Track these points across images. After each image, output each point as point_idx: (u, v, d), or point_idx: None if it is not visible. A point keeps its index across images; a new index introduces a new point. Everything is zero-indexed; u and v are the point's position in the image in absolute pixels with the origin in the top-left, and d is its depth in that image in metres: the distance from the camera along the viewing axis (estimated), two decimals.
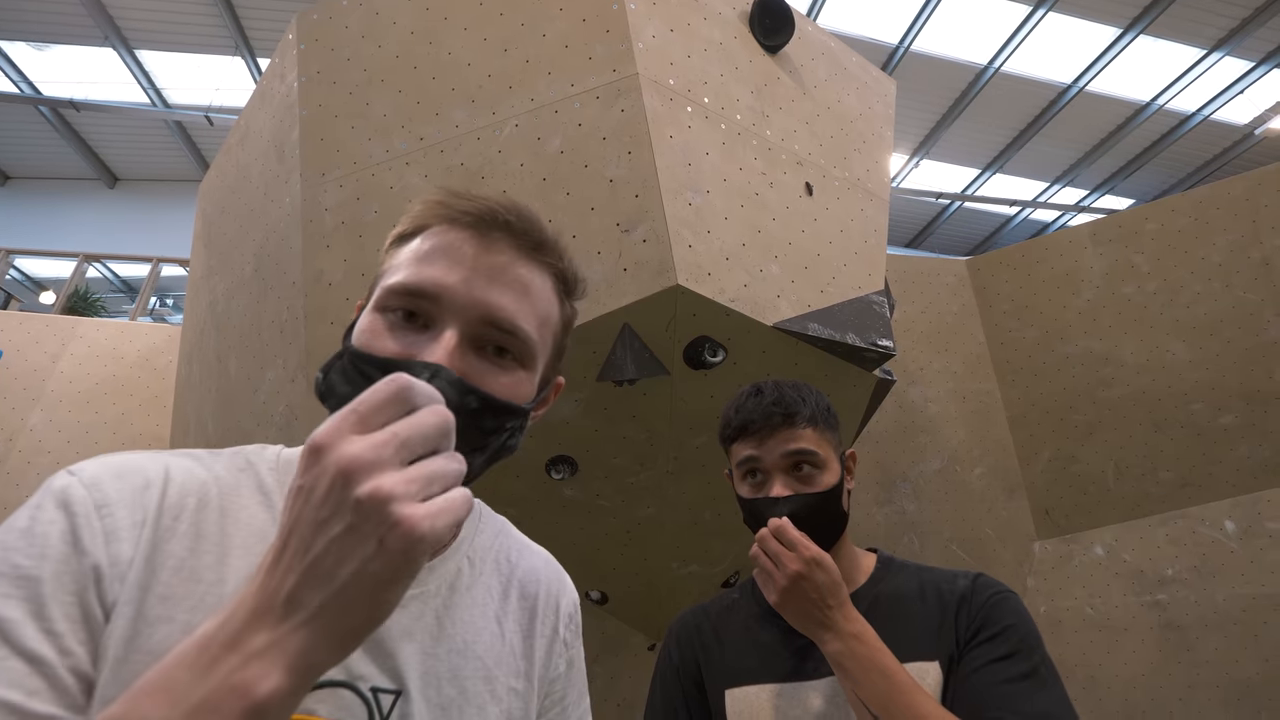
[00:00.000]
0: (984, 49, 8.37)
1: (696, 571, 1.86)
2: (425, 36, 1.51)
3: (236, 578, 0.44)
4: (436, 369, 0.44)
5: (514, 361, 0.50)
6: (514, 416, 0.49)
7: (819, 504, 0.84)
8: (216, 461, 0.50)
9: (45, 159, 9.51)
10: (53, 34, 7.61)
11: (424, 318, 0.48)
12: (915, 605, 0.84)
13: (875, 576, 0.90)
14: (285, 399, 1.55)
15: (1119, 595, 2.39)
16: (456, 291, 0.47)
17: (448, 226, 0.50)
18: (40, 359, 3.24)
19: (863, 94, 1.88)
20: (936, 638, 0.81)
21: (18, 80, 8.11)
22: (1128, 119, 9.46)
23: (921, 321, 2.86)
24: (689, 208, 1.34)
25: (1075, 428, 2.60)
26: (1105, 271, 2.64)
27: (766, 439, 0.85)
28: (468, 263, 0.49)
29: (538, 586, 0.61)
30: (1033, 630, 0.79)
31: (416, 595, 0.52)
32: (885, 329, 1.54)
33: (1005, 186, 10.94)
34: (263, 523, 0.48)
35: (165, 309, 8.85)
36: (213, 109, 8.14)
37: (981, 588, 0.84)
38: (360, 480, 0.32)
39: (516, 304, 0.49)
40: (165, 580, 0.42)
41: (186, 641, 0.33)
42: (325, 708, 0.44)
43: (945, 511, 2.63)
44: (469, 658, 0.52)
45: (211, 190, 2.15)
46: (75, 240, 8.45)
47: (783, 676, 0.83)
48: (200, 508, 0.46)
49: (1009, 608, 0.81)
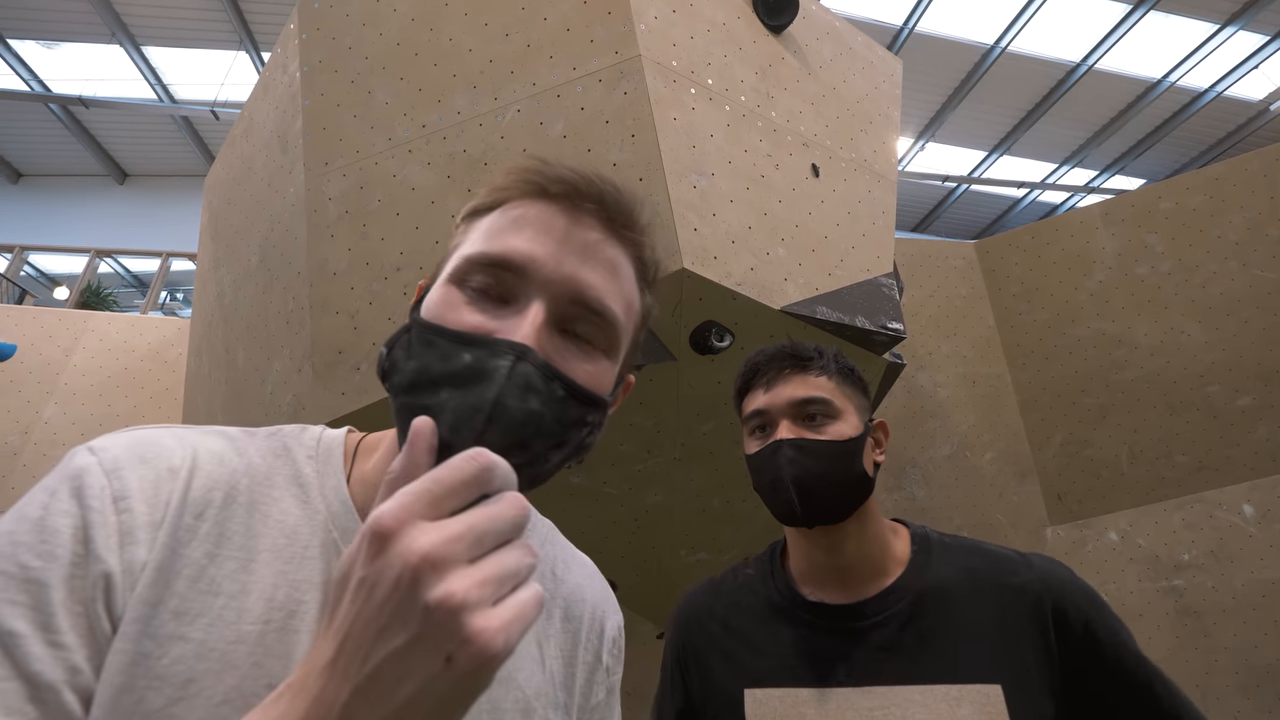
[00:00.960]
0: (990, 28, 8.22)
1: (705, 559, 1.86)
2: (426, 23, 1.50)
3: (261, 587, 0.40)
4: (524, 350, 0.40)
5: (598, 348, 0.45)
6: (596, 409, 0.44)
7: (831, 453, 0.73)
8: (251, 444, 0.46)
9: (56, 156, 9.61)
10: (61, 32, 7.65)
11: (506, 292, 0.43)
12: (970, 609, 0.71)
13: (915, 563, 0.76)
14: (292, 389, 1.56)
15: (1134, 581, 2.36)
16: (545, 264, 0.42)
17: (535, 199, 0.45)
18: (54, 353, 3.28)
19: (869, 74, 1.85)
20: (999, 653, 0.68)
21: (28, 79, 8.17)
22: (1138, 97, 9.27)
23: (930, 305, 2.83)
24: (694, 190, 1.33)
25: (1088, 411, 2.57)
26: (1118, 252, 2.60)
27: (775, 383, 0.77)
28: (558, 235, 0.43)
29: (583, 608, 0.57)
30: (1127, 631, 0.72)
31: None
32: (895, 311, 1.52)
33: (1013, 169, 10.78)
34: (295, 521, 0.44)
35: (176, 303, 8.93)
36: (218, 104, 8.16)
37: (1059, 589, 0.71)
38: (431, 584, 0.28)
39: (606, 284, 0.44)
40: (181, 592, 0.38)
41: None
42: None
43: (956, 497, 2.61)
44: (510, 688, 0.48)
45: (217, 183, 2.15)
46: (87, 236, 8.53)
47: (812, 681, 0.72)
48: (226, 504, 0.42)
49: (1112, 623, 0.70)
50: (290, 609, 0.40)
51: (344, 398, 1.39)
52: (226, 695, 0.37)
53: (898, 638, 0.72)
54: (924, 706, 0.67)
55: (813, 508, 0.74)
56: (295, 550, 0.43)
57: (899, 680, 0.69)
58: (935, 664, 0.69)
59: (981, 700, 0.66)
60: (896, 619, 0.73)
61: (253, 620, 0.39)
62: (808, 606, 0.77)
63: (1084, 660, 0.68)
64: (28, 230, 8.94)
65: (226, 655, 0.37)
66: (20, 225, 9.15)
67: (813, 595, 0.78)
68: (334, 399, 1.40)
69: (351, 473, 0.47)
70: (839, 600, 0.76)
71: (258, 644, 0.39)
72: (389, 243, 1.42)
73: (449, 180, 1.41)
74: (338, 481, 0.46)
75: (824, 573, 0.78)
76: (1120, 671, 0.69)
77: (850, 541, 0.77)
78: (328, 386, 1.42)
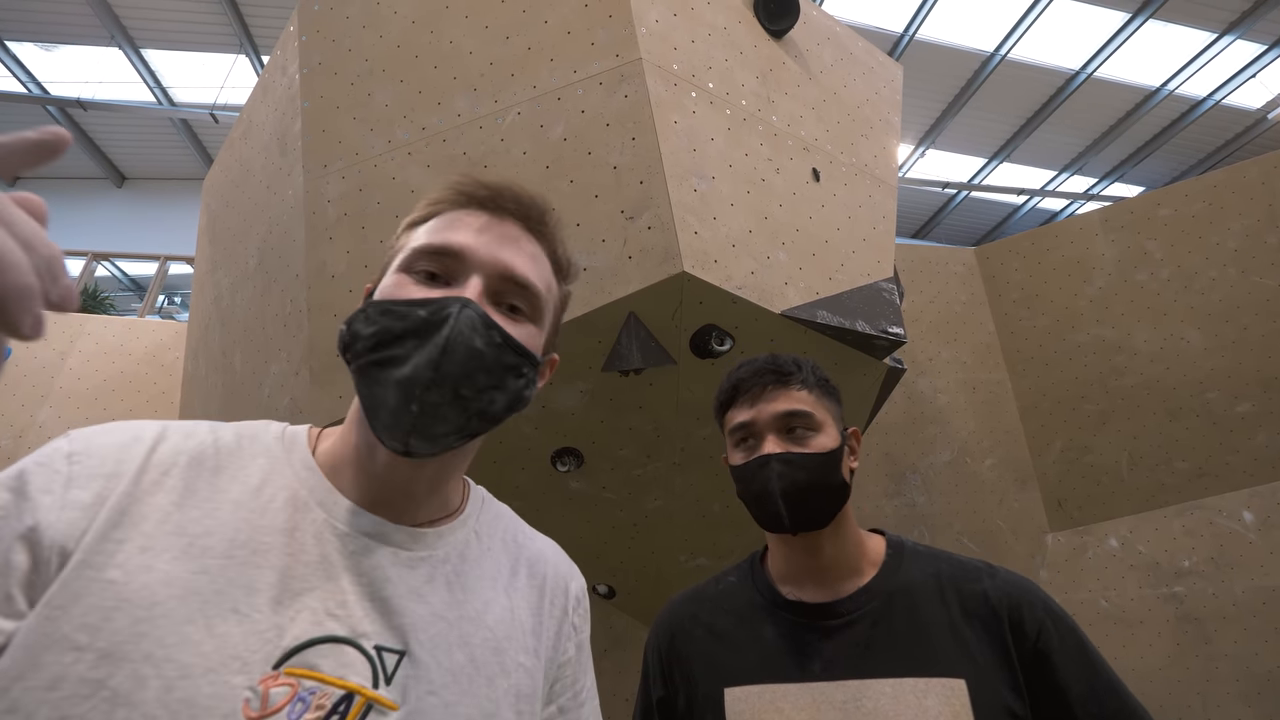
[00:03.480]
0: (990, 36, 8.27)
1: (705, 564, 1.85)
2: (426, 25, 1.50)
3: (224, 529, 0.45)
4: (467, 301, 0.49)
5: (525, 317, 0.54)
6: (528, 362, 0.53)
7: (813, 465, 0.79)
8: (221, 429, 0.53)
9: None
10: (60, 34, 7.64)
11: (447, 276, 0.52)
12: (935, 608, 0.76)
13: (888, 566, 0.81)
14: (289, 392, 1.54)
15: (1134, 588, 2.36)
16: (479, 250, 0.52)
17: (464, 206, 0.55)
18: (49, 356, 3.26)
19: (869, 79, 1.85)
20: (962, 651, 0.73)
21: (26, 81, 8.16)
22: (1137, 105, 9.33)
23: (930, 311, 2.83)
24: (694, 194, 1.32)
25: (1088, 417, 2.57)
26: (1117, 258, 2.60)
27: (759, 399, 0.82)
28: (487, 230, 0.54)
29: (545, 567, 0.61)
30: (1082, 634, 0.76)
31: (426, 558, 0.52)
32: (895, 316, 1.51)
33: (1012, 175, 10.83)
34: (260, 481, 0.49)
35: (173, 307, 8.90)
36: (218, 107, 8.16)
37: (1017, 597, 0.76)
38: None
39: (528, 265, 0.54)
40: (148, 531, 0.43)
41: None
42: (328, 663, 0.43)
43: (956, 503, 2.60)
44: (479, 626, 0.52)
45: (215, 185, 2.15)
46: (84, 239, 8.50)
47: (789, 677, 0.76)
48: (193, 465, 0.48)
49: (1068, 628, 0.75)
50: (254, 548, 0.46)
51: (341, 401, 1.37)
52: (190, 616, 0.41)
53: (870, 634, 0.76)
54: (894, 699, 0.71)
55: (799, 516, 0.80)
56: (259, 503, 0.48)
57: (871, 674, 0.74)
58: (905, 659, 0.74)
59: (947, 693, 0.70)
60: (869, 616, 0.77)
61: (216, 555, 0.44)
62: (787, 605, 0.81)
63: (1039, 663, 0.73)
64: None
65: (190, 583, 0.42)
66: None
67: (791, 594, 0.82)
68: (331, 402, 1.39)
69: (315, 451, 0.54)
70: (816, 599, 0.81)
71: (220, 574, 0.43)
72: (388, 245, 1.41)
73: None
74: (304, 454, 0.53)
75: (802, 574, 0.83)
76: (1071, 679, 0.72)
77: (828, 544, 0.82)
78: (325, 390, 1.41)
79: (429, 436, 0.47)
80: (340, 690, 0.43)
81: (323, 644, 0.44)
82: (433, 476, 0.53)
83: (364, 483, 0.51)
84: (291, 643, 0.43)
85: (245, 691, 0.40)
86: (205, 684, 0.39)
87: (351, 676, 0.44)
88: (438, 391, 0.47)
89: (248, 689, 0.40)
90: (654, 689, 0.86)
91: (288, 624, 0.43)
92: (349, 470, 0.52)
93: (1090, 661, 0.74)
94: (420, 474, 0.52)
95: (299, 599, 0.45)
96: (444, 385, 0.47)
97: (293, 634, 0.43)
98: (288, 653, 0.42)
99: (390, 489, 0.51)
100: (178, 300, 9.06)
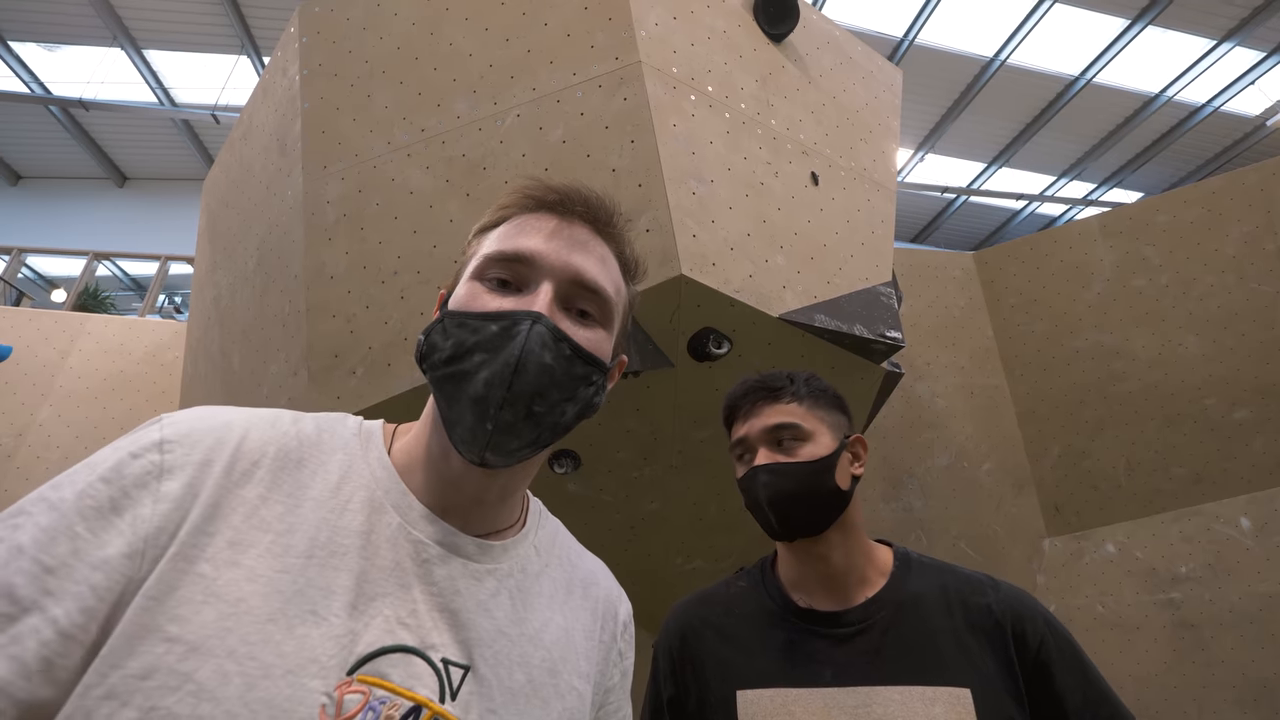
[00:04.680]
0: (990, 41, 8.30)
1: (701, 567, 1.85)
2: (426, 27, 1.50)
3: (305, 527, 0.45)
4: (538, 316, 0.49)
5: (596, 322, 0.54)
6: (598, 370, 0.53)
7: (799, 473, 0.81)
8: (304, 418, 0.53)
9: (56, 158, 9.60)
10: (63, 35, 7.66)
11: (519, 282, 0.52)
12: (942, 619, 0.79)
13: (896, 577, 0.83)
14: (288, 393, 1.54)
15: (1131, 594, 2.35)
16: (548, 255, 0.52)
17: (533, 210, 0.55)
18: (50, 355, 3.26)
19: (869, 83, 1.85)
20: (967, 661, 0.75)
21: (29, 81, 8.17)
22: (1136, 111, 9.35)
23: (928, 316, 2.83)
24: (693, 197, 1.33)
25: (1086, 423, 2.57)
26: (1116, 264, 2.61)
27: (750, 415, 0.86)
28: (556, 235, 0.54)
29: (598, 590, 0.61)
30: (1082, 652, 0.79)
31: (492, 571, 0.52)
32: (893, 320, 1.51)
33: (1011, 181, 10.85)
34: (339, 478, 0.49)
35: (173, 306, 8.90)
36: (219, 108, 8.17)
37: (1020, 611, 0.79)
38: None
39: (598, 269, 0.54)
40: (236, 525, 0.43)
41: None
42: (398, 673, 0.43)
43: (953, 508, 2.60)
44: (538, 646, 0.52)
45: (215, 185, 2.15)
46: (86, 239, 8.51)
47: (801, 682, 0.78)
48: (279, 457, 0.48)
49: (1065, 640, 0.78)
50: (332, 549, 0.46)
51: (339, 402, 1.37)
52: (272, 615, 0.41)
53: (880, 643, 0.78)
54: (903, 705, 0.74)
55: (790, 523, 0.82)
56: (338, 502, 0.48)
57: (881, 681, 0.76)
58: (913, 668, 0.76)
59: (953, 701, 0.73)
60: (879, 625, 0.80)
61: (297, 554, 0.44)
62: (799, 613, 0.83)
63: (1039, 673, 0.76)
64: (26, 232, 8.92)
65: (273, 581, 0.42)
66: (18, 227, 9.12)
67: (803, 602, 0.84)
68: (329, 403, 1.39)
69: (391, 448, 0.54)
70: (828, 607, 0.83)
71: (300, 574, 0.43)
72: (387, 246, 1.42)
73: (447, 184, 1.41)
74: (380, 452, 0.53)
75: (812, 581, 0.85)
76: (1068, 688, 0.76)
77: (835, 552, 0.84)
78: (323, 390, 1.41)
79: (504, 451, 0.48)
80: (409, 702, 0.43)
81: (393, 653, 0.44)
82: (505, 485, 0.53)
83: (437, 486, 0.51)
84: (365, 649, 0.43)
85: (322, 697, 0.40)
86: (285, 685, 0.39)
87: (420, 689, 0.44)
88: (511, 411, 0.47)
89: (324, 694, 0.40)
90: (664, 688, 0.88)
91: (362, 630, 0.43)
92: (422, 473, 0.52)
93: (1085, 671, 0.77)
94: (493, 482, 0.52)
95: (372, 604, 0.45)
96: (517, 404, 0.47)
97: (366, 640, 0.43)
98: (361, 659, 0.42)
99: (462, 495, 0.52)
100: (178, 300, 9.06)
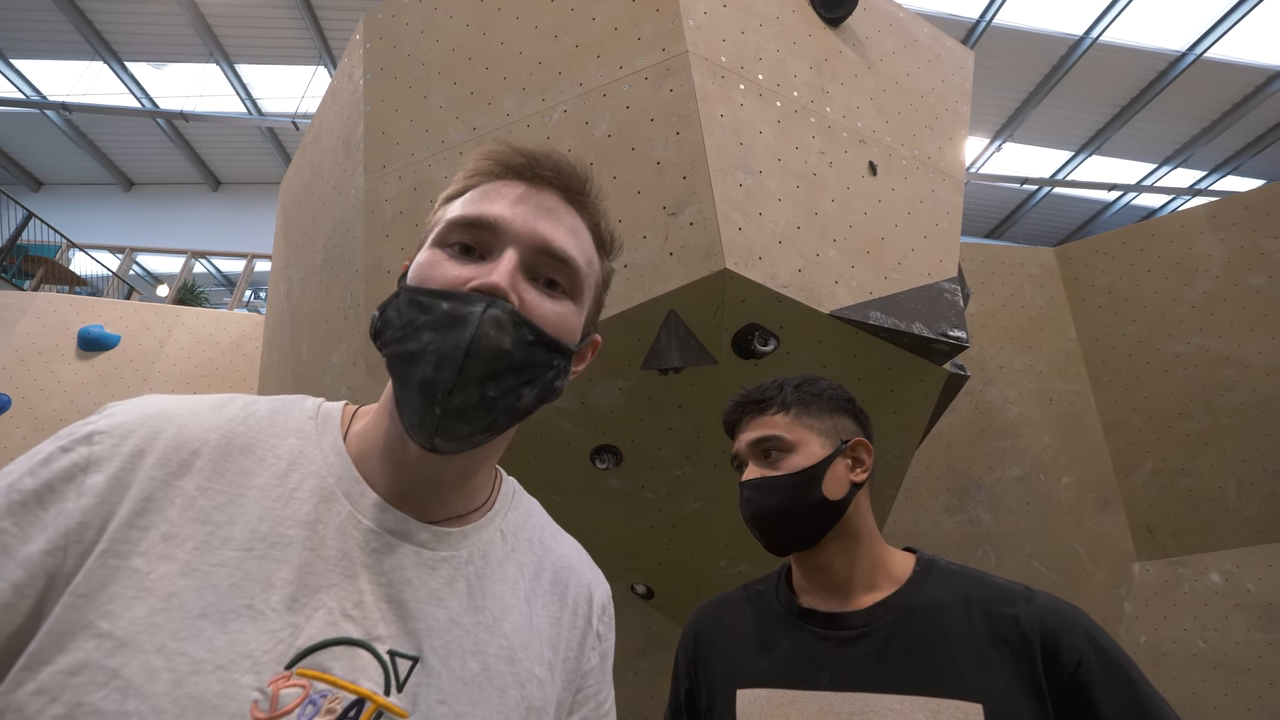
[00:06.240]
0: (1079, 19, 7.65)
1: (747, 570, 1.80)
2: (479, 28, 1.53)
3: (247, 519, 0.44)
4: (493, 300, 0.46)
5: (564, 294, 0.51)
6: (561, 354, 0.50)
7: (781, 487, 0.79)
8: (257, 402, 0.51)
9: (161, 166, 10.65)
10: (167, 54, 8.43)
11: (482, 249, 0.49)
12: (959, 628, 0.73)
13: (913, 582, 0.79)
14: (348, 381, 1.62)
15: (1240, 630, 2.11)
16: (513, 221, 0.49)
17: (500, 176, 0.52)
18: (150, 344, 3.59)
19: (935, 67, 1.74)
20: (983, 675, 0.69)
21: (141, 96, 9.05)
22: (1257, 88, 8.38)
23: (1002, 315, 2.64)
24: (739, 189, 1.28)
25: (1186, 437, 2.32)
26: (1227, 259, 2.34)
27: (739, 430, 0.86)
28: (524, 200, 0.51)
29: (570, 574, 0.59)
30: (1134, 666, 0.69)
31: (448, 559, 0.50)
32: (957, 319, 1.41)
33: (1103, 170, 9.98)
34: (288, 465, 0.47)
35: (259, 301, 9.62)
36: (299, 115, 8.75)
37: (1053, 624, 0.70)
38: None
39: (567, 238, 0.51)
40: (172, 518, 0.42)
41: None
42: (341, 666, 0.42)
43: (1027, 523, 2.41)
44: (495, 634, 0.50)
45: (290, 187, 2.28)
46: (186, 238, 9.34)
47: (797, 684, 0.76)
48: (221, 444, 0.46)
49: (1114, 662, 0.68)
50: (274, 540, 0.44)
51: None
52: (205, 610, 0.40)
53: (883, 648, 0.74)
54: (901, 715, 0.69)
55: (775, 538, 0.81)
56: (285, 490, 0.46)
57: (880, 689, 0.72)
58: (918, 677, 0.71)
59: (960, 716, 0.67)
60: (883, 630, 0.76)
61: (235, 547, 0.43)
62: (800, 613, 0.82)
63: (1077, 697, 0.67)
64: (137, 233, 9.89)
65: (208, 575, 0.41)
66: (130, 229, 10.14)
67: (807, 603, 0.83)
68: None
69: (347, 432, 0.52)
70: (830, 609, 0.81)
71: (238, 567, 0.42)
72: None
73: None
74: (335, 437, 0.51)
75: (818, 588, 0.83)
76: (1112, 718, 0.66)
77: (836, 562, 0.81)
78: (380, 380, 1.47)
79: (454, 437, 0.46)
80: (352, 695, 0.42)
81: (337, 646, 0.43)
82: (462, 467, 0.52)
83: (392, 473, 0.50)
84: (305, 643, 0.42)
85: (254, 692, 0.39)
86: (215, 681, 0.38)
87: (364, 681, 0.43)
88: (462, 395, 0.45)
89: (257, 689, 0.39)
90: (682, 684, 0.89)
91: (303, 623, 0.42)
92: (378, 459, 0.50)
93: (1138, 699, 0.67)
94: (449, 465, 0.51)
95: (315, 596, 0.44)
96: (468, 388, 0.45)
97: (307, 634, 0.42)
98: (301, 653, 0.42)
99: (418, 480, 0.50)
100: (262, 295, 9.79)
